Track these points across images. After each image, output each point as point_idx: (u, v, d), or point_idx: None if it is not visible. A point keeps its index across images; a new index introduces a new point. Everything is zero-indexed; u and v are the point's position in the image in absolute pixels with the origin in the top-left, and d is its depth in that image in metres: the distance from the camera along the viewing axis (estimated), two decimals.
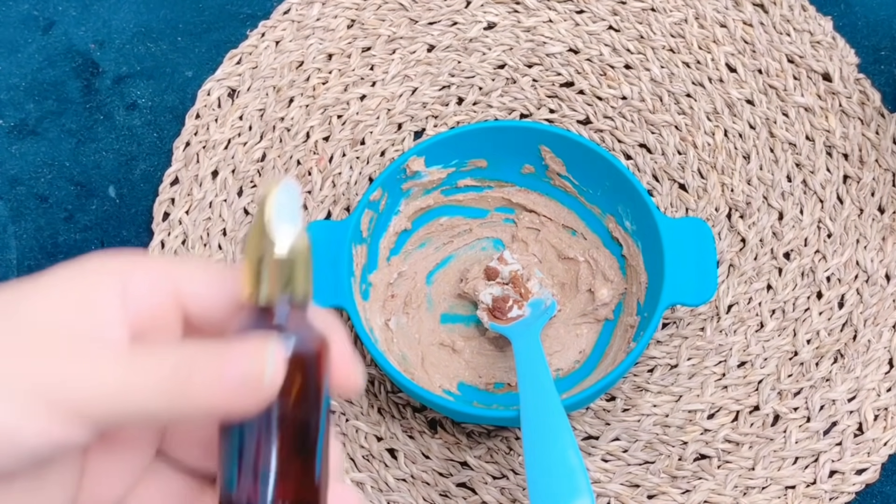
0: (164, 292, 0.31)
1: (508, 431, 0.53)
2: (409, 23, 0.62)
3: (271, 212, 0.30)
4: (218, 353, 0.28)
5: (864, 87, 0.59)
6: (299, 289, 0.30)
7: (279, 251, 0.30)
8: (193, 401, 0.28)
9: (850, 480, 0.51)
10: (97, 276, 0.30)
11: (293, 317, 0.30)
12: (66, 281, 0.30)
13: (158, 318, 0.31)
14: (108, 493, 0.32)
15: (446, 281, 0.56)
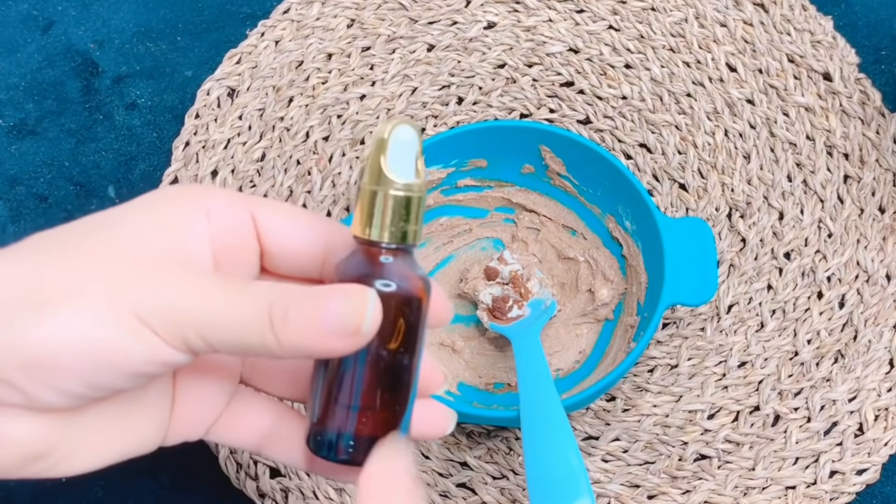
0: (243, 220, 0.31)
1: (508, 431, 0.52)
2: (409, 22, 0.62)
3: (388, 150, 0.30)
4: (317, 295, 0.29)
5: (865, 87, 0.59)
6: (410, 229, 0.30)
7: (394, 190, 0.30)
8: (288, 338, 0.28)
9: (850, 481, 0.51)
10: (183, 201, 0.31)
11: (399, 256, 0.30)
12: (154, 206, 0.31)
13: (238, 245, 0.31)
14: (198, 419, 0.34)
15: (446, 281, 0.56)
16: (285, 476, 0.52)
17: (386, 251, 0.30)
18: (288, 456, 0.35)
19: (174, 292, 0.28)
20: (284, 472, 0.52)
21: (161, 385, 0.32)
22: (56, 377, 0.28)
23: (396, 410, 0.31)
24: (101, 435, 0.31)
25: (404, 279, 0.30)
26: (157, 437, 0.33)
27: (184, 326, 0.28)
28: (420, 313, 0.30)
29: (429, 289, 0.31)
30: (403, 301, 0.30)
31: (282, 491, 0.51)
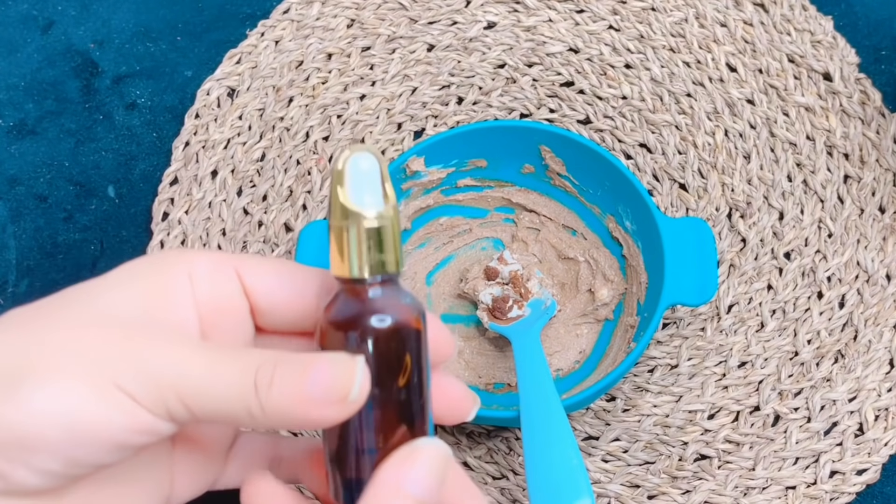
0: (229, 280, 0.30)
1: (508, 431, 0.52)
2: (409, 22, 0.62)
3: (347, 182, 0.28)
4: (303, 362, 0.28)
5: (865, 87, 0.59)
6: (388, 258, 0.29)
7: (364, 222, 0.28)
8: (272, 406, 0.27)
9: (850, 481, 0.51)
10: (165, 268, 0.30)
11: (386, 287, 0.29)
12: (136, 275, 0.30)
13: (225, 308, 0.30)
14: (201, 481, 0.33)
15: (446, 281, 0.56)
16: None
17: (371, 285, 0.29)
18: (297, 476, 0.35)
19: (155, 358, 0.27)
20: None
21: (154, 455, 0.31)
22: (32, 456, 0.27)
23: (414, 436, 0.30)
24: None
25: (397, 310, 0.29)
26: (161, 502, 0.32)
27: (165, 392, 0.27)
28: (420, 341, 0.29)
29: (423, 315, 0.30)
30: (401, 333, 0.29)
31: None
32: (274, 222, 0.57)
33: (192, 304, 0.30)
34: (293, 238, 0.57)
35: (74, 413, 0.27)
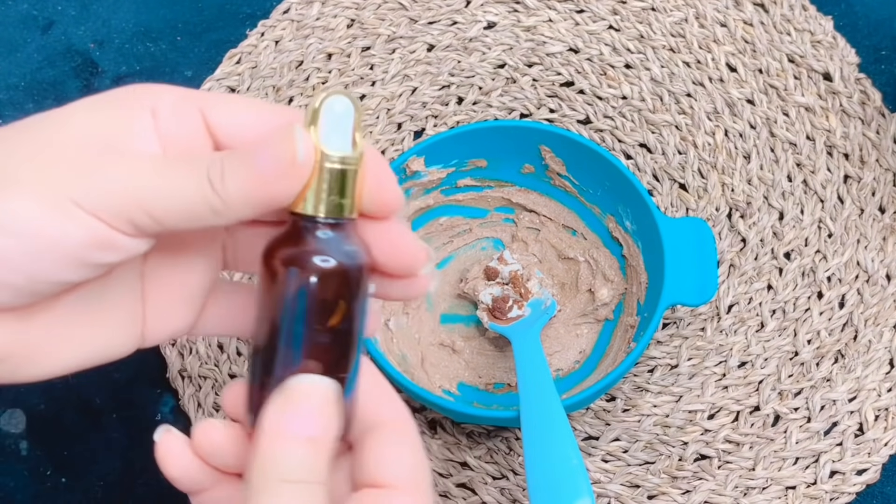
0: (192, 116, 0.31)
1: (508, 431, 0.52)
2: (409, 22, 0.62)
3: (320, 122, 0.29)
4: (247, 150, 0.29)
5: (865, 87, 0.59)
6: (346, 202, 0.30)
7: (328, 163, 0.29)
8: (230, 195, 0.28)
9: (850, 481, 0.51)
10: (129, 99, 0.30)
11: (337, 233, 0.30)
12: (98, 105, 0.30)
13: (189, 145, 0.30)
14: (176, 316, 0.33)
15: (446, 281, 0.56)
16: None
17: (323, 226, 0.29)
18: None
19: (114, 173, 0.28)
20: None
21: (126, 281, 0.31)
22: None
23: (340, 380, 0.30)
24: (64, 337, 0.30)
25: (341, 255, 0.29)
26: (131, 339, 0.32)
27: (127, 206, 0.28)
28: (360, 286, 0.30)
29: (364, 266, 0.30)
30: (341, 276, 0.29)
31: None
32: None
33: (155, 139, 0.30)
34: None
35: (30, 226, 0.27)
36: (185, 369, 0.54)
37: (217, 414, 0.53)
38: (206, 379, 0.54)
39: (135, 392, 0.54)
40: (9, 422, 0.54)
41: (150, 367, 0.55)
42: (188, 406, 0.53)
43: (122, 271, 0.31)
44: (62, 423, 0.53)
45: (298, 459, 0.28)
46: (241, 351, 0.54)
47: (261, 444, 0.28)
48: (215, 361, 0.54)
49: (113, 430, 0.53)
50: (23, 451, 0.53)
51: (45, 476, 0.52)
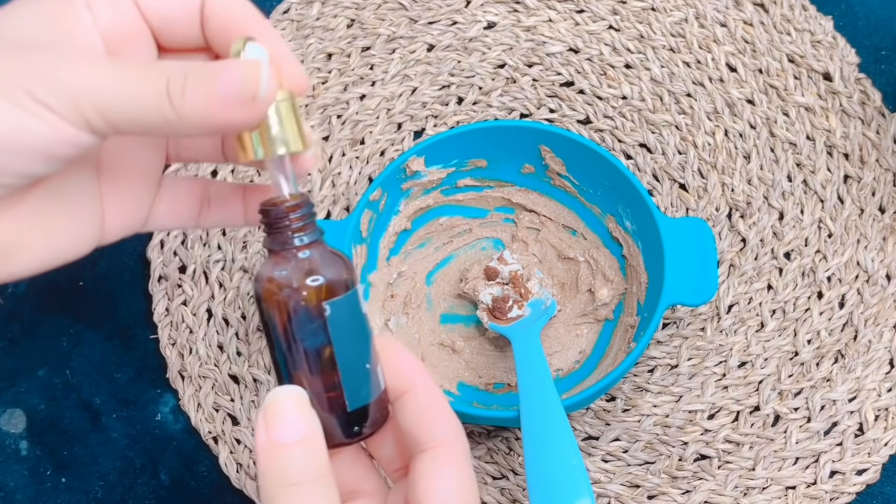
0: (126, 6, 0.32)
1: (508, 431, 0.52)
2: (409, 22, 0.62)
3: None
4: (213, 67, 0.29)
5: (865, 87, 0.59)
6: (291, 140, 0.31)
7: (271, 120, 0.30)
8: (187, 110, 0.29)
9: (850, 481, 0.51)
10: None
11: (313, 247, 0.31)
12: (37, 5, 0.31)
13: (127, 34, 0.32)
14: (131, 210, 0.35)
15: (446, 281, 0.56)
16: None
17: (299, 248, 0.31)
18: (227, 219, 0.37)
19: (68, 72, 0.28)
20: None
21: (83, 177, 0.33)
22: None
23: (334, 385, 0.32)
24: (35, 230, 0.32)
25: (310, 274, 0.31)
26: (93, 233, 0.34)
27: (81, 104, 0.28)
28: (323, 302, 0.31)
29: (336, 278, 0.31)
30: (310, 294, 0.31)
31: None
32: None
33: (96, 33, 0.31)
34: None
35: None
36: (185, 369, 0.54)
37: (217, 414, 0.53)
38: (205, 379, 0.54)
39: (135, 392, 0.54)
40: (9, 422, 0.54)
41: (150, 367, 0.55)
42: (188, 406, 0.53)
43: (79, 166, 0.32)
44: (62, 423, 0.53)
45: (296, 462, 0.30)
46: (241, 351, 0.54)
47: (260, 461, 0.30)
48: (215, 361, 0.54)
49: (113, 430, 0.53)
50: (23, 451, 0.53)
51: (45, 476, 0.52)
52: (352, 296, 0.32)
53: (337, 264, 0.32)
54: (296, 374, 0.31)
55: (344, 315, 0.31)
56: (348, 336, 0.31)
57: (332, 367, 0.31)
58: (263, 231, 0.32)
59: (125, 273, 0.57)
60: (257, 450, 0.30)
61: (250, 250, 0.57)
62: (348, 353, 0.31)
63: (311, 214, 0.32)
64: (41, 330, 0.55)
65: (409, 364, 0.33)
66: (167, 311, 0.55)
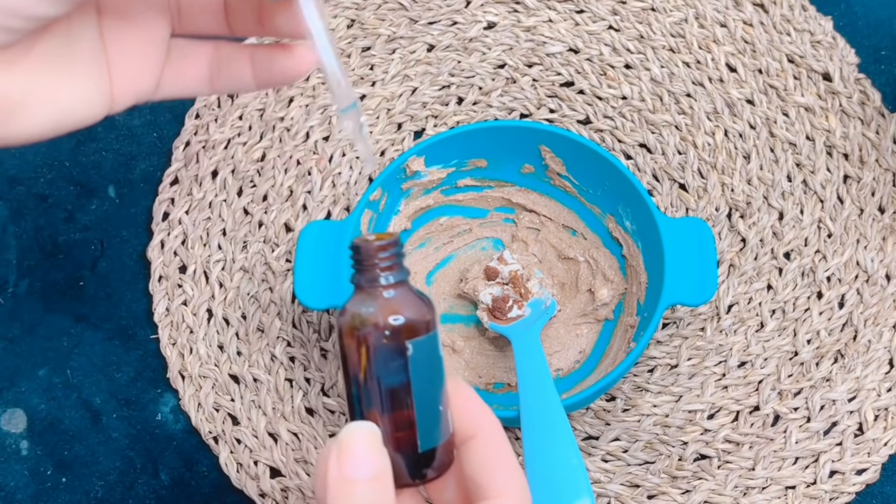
0: None
1: (508, 431, 0.52)
2: (409, 22, 0.62)
3: None
4: None
5: (865, 87, 0.59)
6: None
7: None
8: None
9: (850, 481, 0.51)
10: None
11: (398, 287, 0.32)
12: None
13: None
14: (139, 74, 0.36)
15: (446, 281, 0.56)
16: (285, 476, 0.52)
17: (386, 286, 0.32)
18: (237, 83, 0.38)
19: None
20: (285, 472, 0.52)
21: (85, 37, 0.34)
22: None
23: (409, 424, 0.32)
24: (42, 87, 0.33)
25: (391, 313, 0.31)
26: (101, 97, 0.35)
27: None
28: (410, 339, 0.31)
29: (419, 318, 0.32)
30: (393, 335, 0.31)
31: (282, 491, 0.51)
32: (274, 222, 0.57)
33: None
34: (293, 238, 0.57)
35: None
36: (185, 369, 0.54)
37: (217, 414, 0.53)
38: (206, 379, 0.54)
39: (135, 392, 0.54)
40: (9, 422, 0.54)
41: (151, 367, 0.55)
42: (188, 406, 0.53)
43: (80, 27, 0.33)
44: (62, 423, 0.53)
45: (364, 499, 0.30)
46: (242, 351, 0.54)
47: (329, 493, 0.30)
48: (215, 361, 0.54)
49: (113, 430, 0.53)
50: (23, 451, 0.53)
51: (45, 476, 0.52)
52: (432, 337, 0.32)
53: (421, 305, 0.32)
54: (370, 410, 0.32)
55: (424, 356, 0.32)
56: (426, 377, 0.32)
57: (407, 407, 0.32)
58: (352, 266, 0.32)
59: (125, 273, 0.57)
60: (328, 482, 0.30)
61: (250, 250, 0.57)
62: (425, 393, 0.32)
63: (400, 255, 0.32)
64: (41, 330, 0.56)
65: (478, 409, 0.33)
66: (167, 310, 0.55)
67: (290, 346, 0.54)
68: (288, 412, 0.53)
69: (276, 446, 0.52)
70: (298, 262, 0.50)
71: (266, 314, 0.55)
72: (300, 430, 0.53)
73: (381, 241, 0.32)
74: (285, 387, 0.54)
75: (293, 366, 0.54)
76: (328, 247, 0.50)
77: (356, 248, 0.32)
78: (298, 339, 0.55)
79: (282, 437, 0.52)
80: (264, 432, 0.53)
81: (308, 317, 0.55)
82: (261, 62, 0.37)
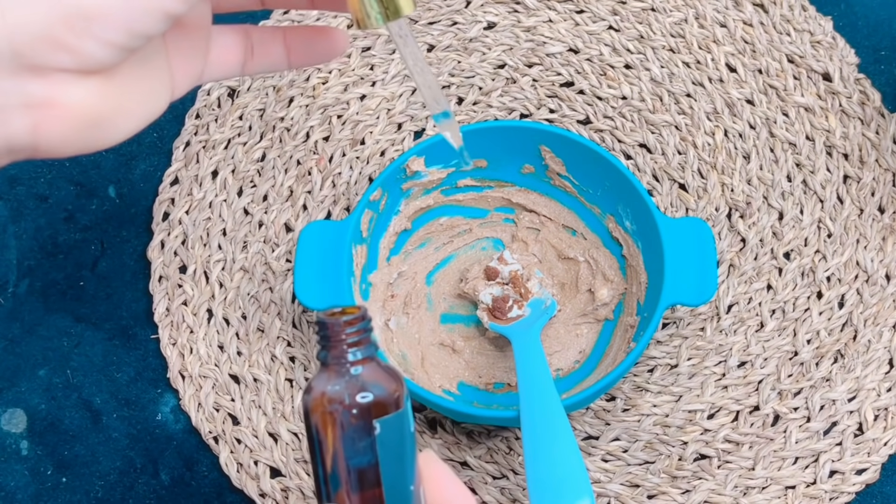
0: None
1: (508, 431, 0.53)
2: (409, 23, 0.62)
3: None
4: None
5: (865, 87, 0.59)
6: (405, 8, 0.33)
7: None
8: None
9: (850, 480, 0.51)
10: None
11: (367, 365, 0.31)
12: None
13: None
14: (191, 67, 0.38)
15: (446, 281, 0.56)
16: (285, 476, 0.52)
17: (353, 363, 0.31)
18: (271, 63, 0.41)
19: None
20: (285, 472, 0.52)
21: (157, 48, 0.36)
22: (98, 26, 0.31)
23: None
24: (131, 95, 0.35)
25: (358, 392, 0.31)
26: (168, 91, 0.37)
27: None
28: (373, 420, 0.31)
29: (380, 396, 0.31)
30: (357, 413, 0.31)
31: (282, 491, 0.51)
32: (274, 222, 0.57)
33: None
34: (293, 238, 0.57)
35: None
36: (185, 369, 0.54)
37: (217, 414, 0.53)
38: (206, 379, 0.54)
39: (135, 392, 0.54)
40: (9, 422, 0.54)
41: (151, 367, 0.55)
42: (189, 406, 0.53)
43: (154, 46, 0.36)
44: (62, 423, 0.53)
45: None
46: (242, 351, 0.54)
47: None
48: (215, 361, 0.54)
49: (113, 430, 0.53)
50: (23, 451, 0.53)
51: (45, 476, 0.52)
52: (402, 414, 0.31)
53: (389, 381, 0.31)
54: (338, 492, 0.31)
55: (393, 434, 0.31)
56: (395, 455, 0.31)
57: (376, 487, 0.31)
58: (317, 343, 0.31)
59: (125, 273, 0.57)
60: None
61: (250, 250, 0.57)
62: (394, 473, 0.31)
63: (367, 329, 0.31)
64: (41, 330, 0.56)
65: (452, 487, 0.33)
66: (168, 310, 0.55)
67: (291, 346, 0.55)
68: (288, 412, 0.53)
69: (276, 446, 0.52)
70: (298, 262, 0.50)
71: (266, 314, 0.55)
72: (300, 430, 0.53)
73: (348, 315, 0.31)
74: (285, 387, 0.54)
75: (293, 366, 0.54)
76: (328, 247, 0.50)
77: (322, 323, 0.31)
78: (298, 339, 0.55)
79: (282, 437, 0.52)
80: (264, 432, 0.53)
81: (308, 317, 0.55)
82: (297, 44, 0.40)
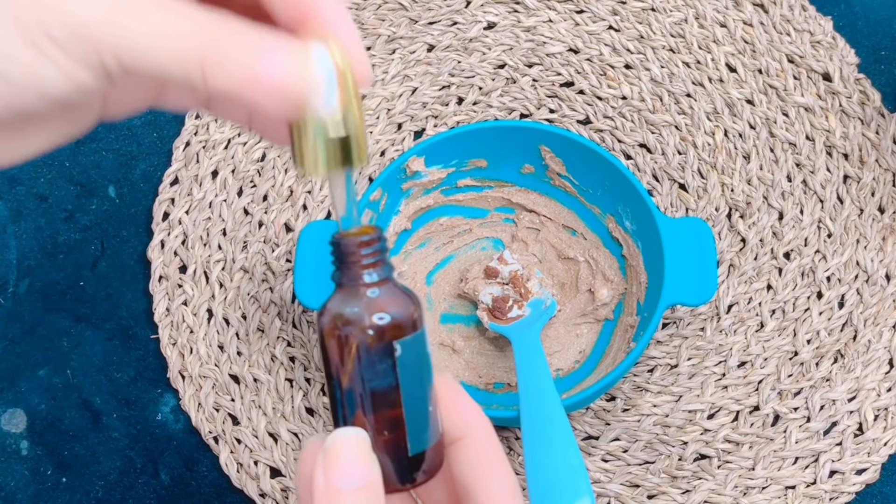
0: None
1: (508, 431, 0.53)
2: (409, 23, 0.62)
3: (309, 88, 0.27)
4: (259, 46, 0.26)
5: (865, 87, 0.59)
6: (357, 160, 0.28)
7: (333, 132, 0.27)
8: (217, 82, 0.26)
9: (850, 480, 0.51)
10: None
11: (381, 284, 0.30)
12: None
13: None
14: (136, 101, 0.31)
15: (446, 281, 0.56)
16: (285, 476, 0.52)
17: (369, 284, 0.30)
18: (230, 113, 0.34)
19: (91, 12, 0.25)
20: (285, 472, 0.52)
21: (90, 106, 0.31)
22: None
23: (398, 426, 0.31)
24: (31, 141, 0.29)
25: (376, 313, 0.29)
26: (96, 117, 0.31)
27: (101, 50, 0.25)
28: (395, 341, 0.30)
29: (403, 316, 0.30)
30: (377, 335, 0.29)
31: (282, 491, 0.51)
32: (274, 222, 0.57)
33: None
34: (293, 238, 0.57)
35: (7, 61, 0.25)
36: (185, 369, 0.54)
37: (217, 414, 0.53)
38: (206, 379, 0.54)
39: (135, 392, 0.54)
40: (9, 422, 0.54)
41: (151, 367, 0.55)
42: (189, 406, 0.53)
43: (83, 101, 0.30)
44: (62, 423, 0.53)
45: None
46: (242, 351, 0.54)
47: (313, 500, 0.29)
48: (215, 361, 0.54)
49: (113, 430, 0.53)
50: (23, 451, 0.53)
51: (45, 476, 0.52)
52: (420, 335, 0.30)
53: (407, 302, 0.30)
54: (356, 414, 0.30)
55: (412, 355, 0.30)
56: (415, 377, 0.30)
57: (396, 410, 0.30)
58: (332, 263, 0.30)
59: (125, 273, 0.57)
60: (314, 493, 0.29)
61: (250, 250, 0.57)
62: (413, 395, 0.30)
63: (383, 249, 0.30)
64: (41, 330, 0.56)
65: (469, 408, 0.32)
66: (168, 310, 0.55)
67: (291, 346, 0.55)
68: (288, 412, 0.53)
69: (276, 446, 0.52)
70: (298, 262, 0.50)
71: (266, 314, 0.55)
72: (300, 430, 0.53)
73: (363, 235, 0.30)
74: (285, 387, 0.54)
75: (293, 366, 0.54)
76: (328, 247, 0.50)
77: (336, 244, 0.30)
78: (298, 339, 0.55)
79: (282, 437, 0.52)
80: (264, 432, 0.53)
81: (308, 317, 0.55)
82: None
